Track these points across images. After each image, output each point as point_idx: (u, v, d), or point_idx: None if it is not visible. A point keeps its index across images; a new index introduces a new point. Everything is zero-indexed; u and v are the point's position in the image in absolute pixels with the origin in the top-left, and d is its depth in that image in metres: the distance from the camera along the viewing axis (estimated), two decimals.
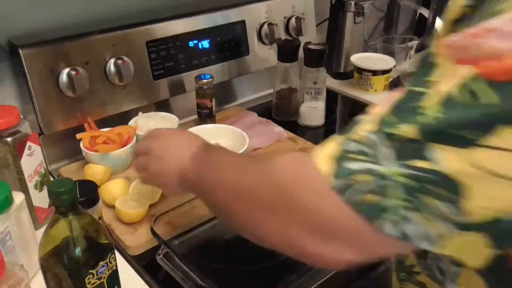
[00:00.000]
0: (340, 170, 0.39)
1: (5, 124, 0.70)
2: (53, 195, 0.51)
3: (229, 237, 0.82)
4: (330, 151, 0.40)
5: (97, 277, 0.55)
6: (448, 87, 0.35)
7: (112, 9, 1.03)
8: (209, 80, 1.05)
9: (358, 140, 0.39)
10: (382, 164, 0.37)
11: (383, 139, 0.37)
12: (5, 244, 0.63)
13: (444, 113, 0.34)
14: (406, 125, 0.36)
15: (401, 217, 0.37)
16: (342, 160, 0.39)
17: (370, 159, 0.37)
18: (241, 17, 1.16)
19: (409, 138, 0.36)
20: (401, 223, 0.37)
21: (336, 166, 0.39)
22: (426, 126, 0.35)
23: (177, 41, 1.06)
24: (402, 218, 0.37)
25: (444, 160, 0.34)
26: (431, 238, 0.37)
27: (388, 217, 0.37)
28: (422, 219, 0.36)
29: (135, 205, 0.80)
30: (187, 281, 0.66)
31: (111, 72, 0.96)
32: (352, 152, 0.39)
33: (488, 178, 0.34)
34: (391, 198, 0.37)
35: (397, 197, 0.36)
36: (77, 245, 0.53)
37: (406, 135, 0.36)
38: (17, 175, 0.73)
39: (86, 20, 1.00)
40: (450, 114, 0.34)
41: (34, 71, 0.88)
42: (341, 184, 0.38)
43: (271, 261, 0.75)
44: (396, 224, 0.37)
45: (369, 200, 0.37)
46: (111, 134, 0.94)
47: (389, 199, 0.37)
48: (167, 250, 0.70)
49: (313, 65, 1.12)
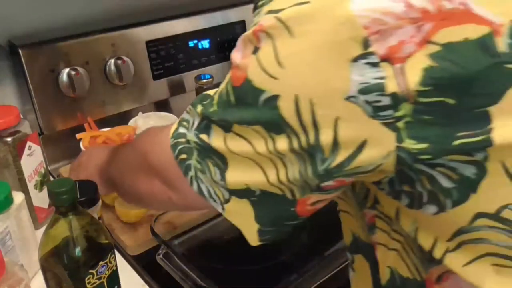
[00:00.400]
0: (175, 133, 0.51)
1: (5, 124, 0.70)
2: (53, 195, 0.51)
3: (229, 237, 0.83)
4: (179, 119, 0.53)
5: (97, 277, 0.55)
6: (222, 86, 0.46)
7: (112, 9, 1.03)
8: (209, 80, 1.05)
9: (188, 111, 0.51)
10: (189, 132, 0.49)
11: (195, 112, 0.49)
12: (5, 244, 0.63)
13: (218, 106, 0.46)
14: (207, 106, 0.47)
15: (196, 176, 0.48)
16: (178, 125, 0.52)
17: (188, 127, 0.50)
18: (241, 17, 1.16)
19: (204, 116, 0.47)
20: (198, 181, 0.48)
21: (175, 130, 0.51)
22: (212, 113, 0.46)
23: (177, 41, 1.06)
24: (196, 177, 0.48)
25: (214, 138, 0.46)
26: (216, 199, 0.48)
27: (190, 174, 0.49)
28: (208, 180, 0.48)
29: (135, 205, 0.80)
30: (187, 281, 0.66)
31: (111, 72, 0.96)
32: (184, 120, 0.52)
33: (234, 156, 0.45)
34: (192, 159, 0.48)
35: (195, 159, 0.48)
36: (77, 245, 0.53)
37: (205, 114, 0.47)
38: (17, 175, 0.73)
39: (86, 20, 1.00)
40: (220, 107, 0.46)
41: (34, 71, 0.88)
42: (173, 143, 0.50)
43: (271, 261, 0.75)
44: (195, 181, 0.49)
45: (182, 157, 0.49)
46: (111, 134, 0.94)
47: (190, 160, 0.48)
48: (167, 250, 0.70)
49: None
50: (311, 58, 0.38)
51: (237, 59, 0.44)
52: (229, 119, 0.44)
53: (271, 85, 0.40)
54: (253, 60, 0.42)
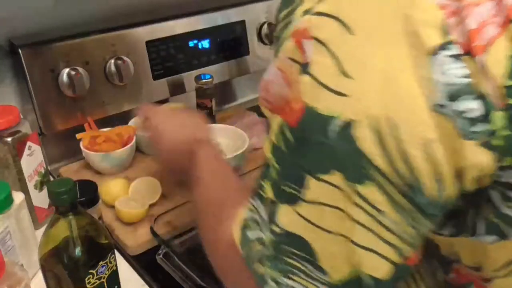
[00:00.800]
0: (243, 239, 0.41)
1: (5, 124, 0.70)
2: (53, 195, 0.51)
3: None
4: (239, 221, 0.42)
5: (97, 277, 0.55)
6: (273, 135, 0.36)
7: (112, 9, 1.03)
8: (209, 80, 1.05)
9: (250, 208, 0.41)
10: (263, 232, 0.38)
11: (259, 202, 0.39)
12: (5, 244, 0.63)
13: (277, 163, 0.36)
14: (266, 183, 0.38)
15: (277, 285, 0.37)
16: (244, 229, 0.41)
17: (258, 227, 0.39)
18: (241, 17, 1.16)
19: (270, 199, 0.37)
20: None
21: (242, 236, 0.41)
22: (274, 183, 0.36)
23: (177, 41, 1.06)
24: (278, 285, 0.37)
25: (285, 218, 0.35)
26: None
27: (269, 284, 0.38)
28: (303, 280, 0.36)
29: (135, 205, 0.80)
30: (187, 281, 0.66)
31: (111, 72, 0.96)
32: (248, 220, 0.41)
33: (320, 234, 0.34)
34: (268, 268, 0.38)
35: (273, 268, 0.37)
36: (77, 245, 0.53)
37: (268, 196, 0.37)
38: (17, 175, 0.73)
39: (86, 20, 1.00)
40: (279, 164, 0.36)
41: (34, 71, 0.88)
42: (245, 254, 0.41)
43: None
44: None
45: (257, 269, 0.39)
46: (111, 134, 0.94)
47: (267, 269, 0.38)
48: (167, 250, 0.70)
49: None
50: (382, 57, 0.29)
51: (282, 92, 0.34)
52: (294, 176, 0.34)
53: (341, 107, 0.30)
54: (306, 80, 0.32)
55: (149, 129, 0.69)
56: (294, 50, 0.32)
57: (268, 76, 0.35)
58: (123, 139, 0.95)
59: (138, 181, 0.87)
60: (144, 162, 0.98)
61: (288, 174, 0.35)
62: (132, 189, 0.85)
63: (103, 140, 0.93)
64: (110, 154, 0.91)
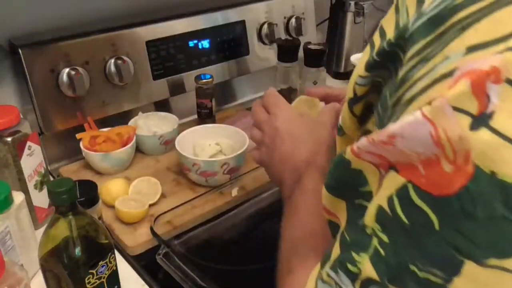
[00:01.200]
0: None
1: (5, 124, 0.70)
2: (53, 195, 0.51)
3: (229, 237, 0.83)
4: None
5: (97, 277, 0.55)
6: (381, 200, 0.29)
7: (112, 9, 1.03)
8: (209, 80, 1.05)
9: (327, 281, 0.34)
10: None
11: (345, 278, 0.32)
12: (5, 244, 0.63)
13: (389, 235, 0.29)
14: (361, 256, 0.31)
15: None
16: None
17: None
18: (241, 17, 1.16)
19: (369, 277, 0.30)
20: None
21: None
22: (381, 259, 0.29)
23: (177, 41, 1.06)
24: None
25: None
26: None
27: None
28: None
29: (135, 205, 0.80)
30: (187, 281, 0.66)
31: (111, 72, 0.96)
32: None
33: None
34: None
35: None
36: (77, 245, 0.53)
37: (366, 273, 0.30)
38: (17, 175, 0.73)
39: (86, 20, 1.00)
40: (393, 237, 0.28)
41: (34, 71, 0.88)
42: None
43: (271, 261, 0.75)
44: None
45: None
46: (111, 134, 0.94)
47: None
48: (167, 250, 0.70)
49: (313, 65, 1.12)
50: None
51: (418, 149, 0.26)
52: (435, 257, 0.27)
53: None
54: (485, 137, 0.24)
55: (266, 123, 0.61)
56: (466, 97, 0.24)
57: (396, 128, 0.27)
58: (123, 139, 0.95)
59: (138, 181, 0.87)
60: (144, 162, 0.98)
61: (423, 254, 0.27)
62: (132, 189, 0.85)
63: (103, 140, 0.93)
64: (110, 154, 0.91)
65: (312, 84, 1.13)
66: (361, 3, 1.32)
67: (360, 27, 1.38)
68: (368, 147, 0.30)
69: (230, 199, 0.87)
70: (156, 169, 0.96)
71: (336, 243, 0.35)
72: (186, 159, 0.86)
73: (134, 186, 0.85)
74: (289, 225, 0.50)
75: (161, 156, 1.00)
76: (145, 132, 0.98)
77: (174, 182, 0.92)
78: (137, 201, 0.81)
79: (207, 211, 0.84)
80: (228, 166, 0.86)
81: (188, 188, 0.90)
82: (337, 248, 0.34)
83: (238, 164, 0.89)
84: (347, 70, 1.39)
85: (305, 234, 0.48)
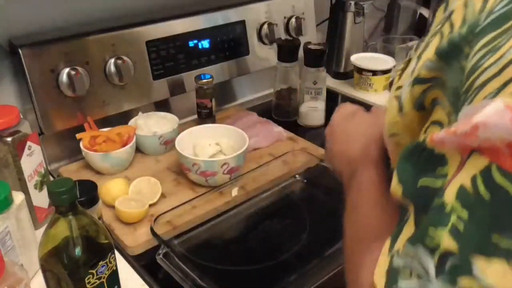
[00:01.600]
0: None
1: (5, 124, 0.70)
2: (53, 195, 0.51)
3: (229, 237, 0.83)
4: (382, 268, 0.38)
5: (97, 277, 0.55)
6: (464, 179, 0.31)
7: (112, 9, 1.04)
8: (209, 80, 1.05)
9: (402, 255, 0.36)
10: (426, 285, 0.33)
11: (422, 251, 0.34)
12: (5, 244, 0.63)
13: (469, 210, 0.31)
14: (439, 231, 0.32)
15: None
16: (392, 278, 0.36)
17: (416, 278, 0.34)
18: (241, 17, 1.16)
19: (447, 250, 0.32)
20: None
21: (387, 284, 0.37)
22: (461, 234, 0.31)
23: (177, 41, 1.06)
24: None
25: (491, 276, 0.30)
26: None
27: None
28: None
29: (135, 205, 0.80)
30: (187, 281, 0.66)
31: (111, 72, 0.96)
32: (399, 268, 0.36)
33: None
34: None
35: None
36: (77, 245, 0.53)
37: (444, 247, 0.32)
38: (17, 175, 0.73)
39: (86, 20, 1.00)
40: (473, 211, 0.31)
41: (34, 71, 0.88)
42: None
43: (271, 261, 0.75)
44: None
45: None
46: (111, 134, 0.94)
47: None
48: (167, 250, 0.70)
49: (313, 65, 1.12)
50: None
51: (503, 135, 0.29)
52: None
53: None
54: None
55: (328, 125, 0.70)
56: None
57: (479, 119, 0.29)
58: (123, 139, 0.95)
59: (138, 181, 0.87)
60: (144, 162, 0.98)
61: (506, 226, 0.30)
62: (132, 189, 0.85)
63: (103, 140, 0.93)
64: (110, 154, 0.91)
65: (312, 84, 1.13)
66: (361, 3, 1.32)
67: (360, 27, 1.38)
68: (450, 138, 0.32)
69: (230, 199, 0.87)
70: (156, 169, 0.96)
71: (410, 221, 0.37)
72: (186, 159, 0.87)
73: (134, 186, 0.85)
74: (349, 221, 0.53)
75: (161, 156, 1.00)
76: (145, 132, 0.98)
77: (174, 182, 0.92)
78: (137, 201, 0.81)
79: (207, 211, 0.84)
80: (228, 166, 0.86)
81: (188, 188, 0.90)
82: (412, 225, 0.37)
83: (238, 164, 0.89)
84: (347, 70, 1.39)
85: (364, 226, 0.50)
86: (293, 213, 0.86)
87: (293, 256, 0.76)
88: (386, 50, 1.40)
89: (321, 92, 1.15)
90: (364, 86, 1.30)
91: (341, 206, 0.54)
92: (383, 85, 1.29)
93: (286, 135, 1.08)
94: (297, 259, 0.75)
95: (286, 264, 0.74)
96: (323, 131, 1.19)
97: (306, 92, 1.15)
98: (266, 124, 1.10)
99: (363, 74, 1.29)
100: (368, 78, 1.29)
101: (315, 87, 1.13)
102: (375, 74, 1.28)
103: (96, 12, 1.01)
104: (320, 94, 1.14)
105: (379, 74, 1.28)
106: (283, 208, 0.89)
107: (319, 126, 1.17)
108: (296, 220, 0.84)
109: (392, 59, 1.32)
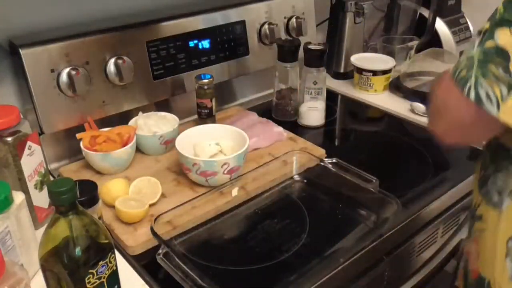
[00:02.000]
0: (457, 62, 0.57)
1: (5, 124, 0.70)
2: (53, 195, 0.51)
3: (229, 237, 0.83)
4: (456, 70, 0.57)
5: (97, 277, 0.55)
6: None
7: (112, 9, 1.04)
8: (209, 80, 1.05)
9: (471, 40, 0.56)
10: (472, 50, 0.55)
11: (476, 34, 0.55)
12: (5, 244, 0.63)
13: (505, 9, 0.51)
14: (488, 23, 0.54)
15: (476, 83, 0.53)
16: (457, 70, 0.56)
17: (470, 48, 0.55)
18: (241, 17, 1.16)
19: (486, 29, 0.53)
20: (477, 87, 0.53)
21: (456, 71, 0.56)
22: (496, 21, 0.52)
23: (177, 41, 1.06)
24: (476, 84, 0.53)
25: (500, 37, 0.51)
26: (493, 99, 0.52)
27: (469, 84, 0.54)
28: (489, 81, 0.52)
29: (135, 205, 0.80)
30: (187, 281, 0.66)
31: (111, 72, 0.96)
32: (460, 67, 0.56)
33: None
34: (472, 70, 0.54)
35: (475, 69, 0.53)
36: (77, 245, 0.53)
37: (486, 27, 0.53)
38: (17, 175, 0.73)
39: (86, 20, 1.00)
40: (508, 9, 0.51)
41: (34, 71, 0.88)
42: (454, 68, 0.57)
43: (271, 261, 0.75)
44: (473, 90, 0.53)
45: (461, 74, 0.55)
46: (111, 134, 0.94)
47: (471, 71, 0.54)
48: (167, 250, 0.70)
49: (313, 65, 1.12)
50: None
51: None
52: None
53: None
54: None
55: None
56: None
57: None
58: (123, 139, 0.95)
59: (138, 181, 0.87)
60: (144, 162, 0.98)
61: None
62: (132, 189, 0.85)
63: (103, 140, 0.93)
64: (110, 154, 0.91)
65: (312, 84, 1.13)
66: (361, 3, 1.32)
67: (360, 27, 1.38)
68: None
69: (230, 199, 0.87)
70: (156, 169, 0.96)
71: None
72: (186, 159, 0.87)
73: (134, 186, 0.85)
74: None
75: (161, 156, 1.00)
76: (145, 132, 0.98)
77: (174, 182, 0.92)
78: (137, 201, 0.81)
79: (207, 211, 0.84)
80: (228, 166, 0.87)
81: (188, 188, 0.90)
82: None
83: (238, 164, 0.89)
84: (347, 70, 1.39)
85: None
86: (293, 213, 0.86)
87: (293, 256, 0.76)
88: (386, 50, 1.40)
89: (321, 92, 1.15)
90: (364, 86, 1.30)
91: (341, 206, 0.54)
92: (383, 85, 1.29)
93: (286, 135, 1.08)
94: (297, 259, 0.75)
95: (286, 264, 0.74)
96: (323, 131, 1.19)
97: (306, 92, 1.15)
98: (266, 124, 1.10)
99: (363, 74, 1.29)
100: (368, 78, 1.29)
101: (315, 87, 1.13)
102: (375, 74, 1.28)
103: (96, 12, 1.01)
104: (320, 94, 1.14)
105: (379, 74, 1.28)
106: (283, 208, 0.89)
107: (319, 126, 1.17)
108: (296, 220, 0.84)
109: (392, 59, 1.32)
